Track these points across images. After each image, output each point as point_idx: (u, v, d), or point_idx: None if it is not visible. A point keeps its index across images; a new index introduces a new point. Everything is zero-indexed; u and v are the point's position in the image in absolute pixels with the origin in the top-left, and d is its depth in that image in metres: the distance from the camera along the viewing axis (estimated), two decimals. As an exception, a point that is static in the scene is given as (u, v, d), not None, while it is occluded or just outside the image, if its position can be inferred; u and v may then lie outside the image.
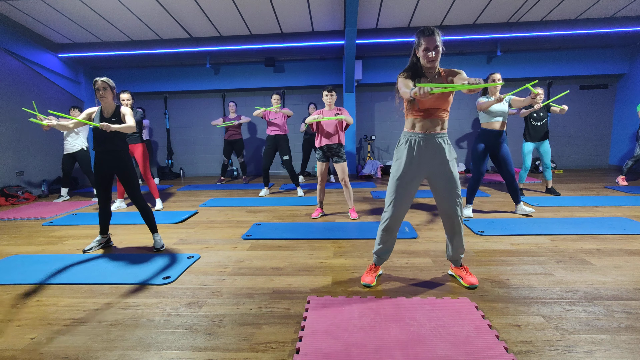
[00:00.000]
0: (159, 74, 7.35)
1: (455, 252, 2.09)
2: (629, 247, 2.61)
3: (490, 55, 6.77)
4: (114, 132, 2.70)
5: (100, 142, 2.71)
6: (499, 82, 3.22)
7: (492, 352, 1.42)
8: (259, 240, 3.04)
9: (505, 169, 3.50)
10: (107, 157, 2.73)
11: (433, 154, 1.94)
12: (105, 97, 2.68)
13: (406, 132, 2.00)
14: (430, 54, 1.85)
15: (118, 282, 2.22)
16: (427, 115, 1.92)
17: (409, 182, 1.98)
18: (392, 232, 2.06)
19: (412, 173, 1.97)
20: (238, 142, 6.36)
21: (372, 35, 6.21)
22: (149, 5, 5.19)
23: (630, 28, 5.87)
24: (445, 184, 1.97)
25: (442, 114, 1.93)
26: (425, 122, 1.93)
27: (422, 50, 1.88)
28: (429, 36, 1.84)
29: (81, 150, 5.10)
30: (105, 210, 2.87)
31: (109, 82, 2.70)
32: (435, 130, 1.93)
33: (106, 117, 2.71)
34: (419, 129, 1.94)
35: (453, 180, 1.96)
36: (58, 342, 1.61)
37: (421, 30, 1.87)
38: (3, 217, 4.10)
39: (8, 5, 5.15)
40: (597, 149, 7.34)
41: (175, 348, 1.54)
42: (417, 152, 1.95)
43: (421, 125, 1.94)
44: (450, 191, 1.97)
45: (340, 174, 3.61)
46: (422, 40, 1.86)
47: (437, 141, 1.94)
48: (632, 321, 1.65)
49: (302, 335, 1.57)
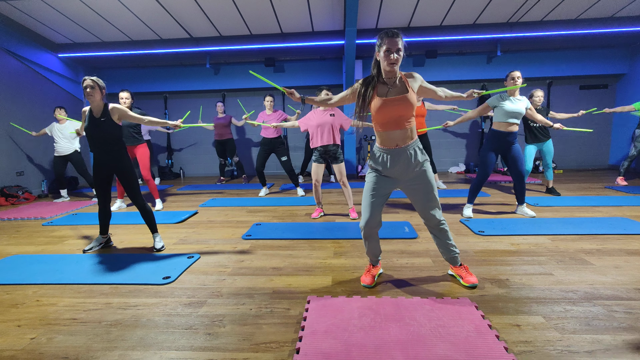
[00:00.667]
0: (159, 74, 7.36)
1: (448, 252, 2.08)
2: (629, 247, 2.61)
3: (490, 55, 6.77)
4: (107, 132, 2.67)
5: (94, 143, 2.68)
6: (519, 79, 3.23)
7: (492, 352, 1.42)
8: (259, 240, 3.04)
9: (516, 168, 3.41)
10: (106, 158, 2.72)
11: (406, 165, 1.90)
12: (92, 96, 2.63)
13: (377, 147, 1.97)
14: (392, 56, 1.77)
15: (118, 282, 2.22)
16: (392, 127, 1.86)
17: (382, 193, 1.98)
18: (373, 237, 2.06)
19: (385, 186, 1.97)
20: (229, 142, 6.31)
21: (372, 35, 6.19)
22: (149, 5, 5.20)
23: (630, 28, 5.87)
24: (421, 188, 1.94)
25: (407, 123, 1.87)
26: (393, 136, 1.88)
27: (383, 52, 1.79)
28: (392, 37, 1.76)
29: (75, 152, 5.11)
30: (105, 210, 2.86)
31: (98, 81, 2.65)
32: (405, 142, 1.88)
33: (96, 116, 2.66)
34: (389, 144, 1.90)
35: (429, 183, 1.93)
36: (58, 342, 1.61)
37: (384, 32, 1.80)
38: (3, 217, 4.10)
39: (8, 5, 5.15)
40: (597, 149, 7.34)
41: (175, 348, 1.54)
42: (391, 166, 1.91)
43: (389, 140, 1.89)
44: (427, 194, 1.95)
45: (338, 175, 3.61)
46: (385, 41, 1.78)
47: (408, 152, 1.89)
48: (632, 321, 1.65)
49: (302, 335, 1.57)
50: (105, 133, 2.67)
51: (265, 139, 5.04)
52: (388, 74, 1.85)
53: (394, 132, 1.87)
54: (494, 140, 3.42)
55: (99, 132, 2.66)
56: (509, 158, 3.43)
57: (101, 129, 2.66)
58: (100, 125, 2.66)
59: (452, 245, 2.07)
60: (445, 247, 2.07)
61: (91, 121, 2.67)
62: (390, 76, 1.86)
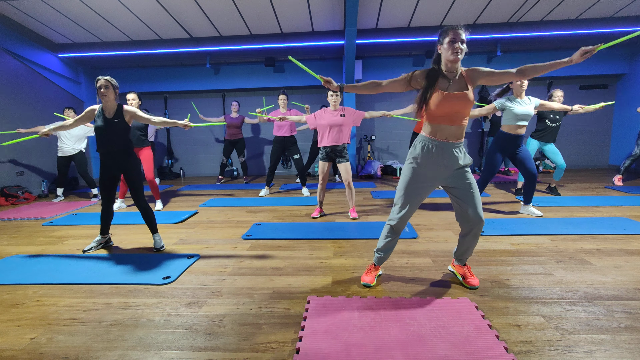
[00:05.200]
0: (159, 74, 7.35)
1: (465, 252, 2.05)
2: (629, 247, 2.61)
3: (490, 55, 6.77)
4: (118, 133, 2.67)
5: (103, 143, 2.68)
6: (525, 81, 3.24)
7: (492, 352, 1.42)
8: (259, 240, 3.04)
9: (527, 169, 3.38)
10: (113, 158, 2.71)
11: (451, 162, 1.87)
12: (106, 96, 2.64)
13: (424, 137, 1.91)
14: (457, 45, 1.74)
15: (118, 282, 2.22)
16: (448, 122, 1.83)
17: (422, 188, 1.93)
18: (398, 232, 2.04)
19: (427, 179, 1.92)
20: (240, 141, 6.35)
21: (372, 35, 6.20)
22: (149, 5, 5.19)
23: (630, 28, 5.86)
24: (465, 190, 1.90)
25: (463, 120, 1.85)
26: (446, 130, 1.84)
27: (447, 43, 1.77)
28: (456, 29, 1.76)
29: (79, 153, 5.11)
30: (109, 211, 2.86)
31: (111, 81, 2.67)
32: (454, 139, 1.85)
33: (108, 117, 2.66)
34: (440, 137, 1.85)
35: (472, 186, 1.90)
36: (58, 342, 1.61)
37: (447, 26, 1.80)
38: (3, 217, 4.10)
39: (8, 5, 5.15)
40: (597, 149, 7.34)
41: (175, 348, 1.54)
42: (436, 159, 1.87)
43: (441, 133, 1.85)
44: (474, 197, 1.90)
45: (344, 175, 3.61)
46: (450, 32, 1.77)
47: (455, 150, 1.86)
48: (632, 321, 1.65)
49: (302, 335, 1.57)
50: (117, 134, 2.67)
51: (278, 137, 5.05)
52: (450, 66, 1.82)
53: (447, 127, 1.85)
54: (503, 142, 3.39)
55: (110, 132, 2.65)
56: (518, 160, 3.40)
57: (113, 129, 2.66)
58: (112, 126, 2.65)
59: (474, 247, 2.05)
60: (467, 246, 2.03)
61: (104, 121, 2.65)
62: (452, 69, 1.84)
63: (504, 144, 3.39)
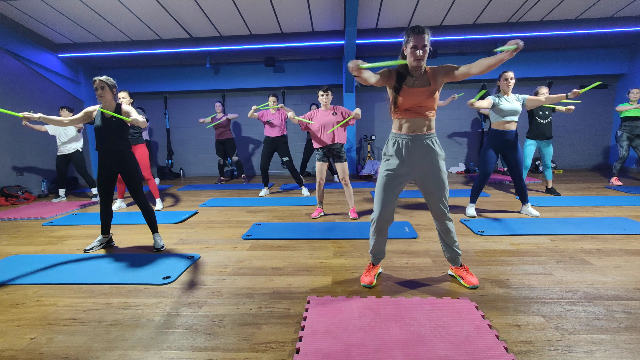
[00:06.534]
0: (159, 74, 7.35)
1: (451, 252, 2.09)
2: (629, 247, 2.61)
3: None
4: (117, 132, 2.68)
5: (102, 142, 2.68)
6: (512, 80, 3.32)
7: (492, 352, 1.42)
8: (259, 240, 3.04)
9: (515, 171, 3.46)
10: (111, 158, 2.71)
11: (422, 155, 1.94)
12: (104, 97, 2.64)
13: (394, 133, 2.00)
14: (418, 52, 1.83)
15: (118, 282, 2.22)
16: (413, 115, 1.92)
17: (396, 184, 1.99)
18: (383, 232, 2.08)
19: (401, 174, 1.98)
20: (229, 141, 6.34)
21: (372, 35, 6.21)
22: (149, 5, 5.19)
23: (630, 28, 5.87)
24: (434, 184, 1.97)
25: (427, 112, 1.92)
26: (412, 122, 1.93)
27: (409, 48, 1.85)
28: (419, 34, 1.81)
29: (76, 152, 5.11)
30: (107, 211, 2.86)
31: (107, 80, 2.66)
32: (422, 130, 1.93)
33: (107, 116, 2.68)
34: (406, 130, 1.94)
35: (442, 180, 1.97)
36: (58, 342, 1.61)
37: (411, 28, 1.84)
38: (3, 217, 4.10)
39: (8, 5, 5.15)
40: (597, 149, 7.34)
41: (175, 348, 1.54)
42: (406, 154, 1.94)
43: (408, 126, 1.94)
44: (439, 191, 1.97)
45: (340, 174, 3.61)
46: (411, 38, 1.83)
47: (425, 142, 1.93)
48: (632, 321, 1.65)
49: (302, 335, 1.57)
50: (115, 133, 2.68)
51: (269, 137, 5.04)
52: (414, 68, 1.91)
53: (413, 119, 1.92)
54: (493, 139, 3.46)
55: (109, 132, 2.66)
56: (508, 157, 3.46)
57: (112, 129, 2.66)
58: (111, 125, 2.66)
59: (456, 245, 2.08)
60: (449, 246, 2.08)
61: (103, 121, 2.66)
62: (416, 68, 1.92)
63: (495, 141, 3.46)
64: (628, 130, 5.01)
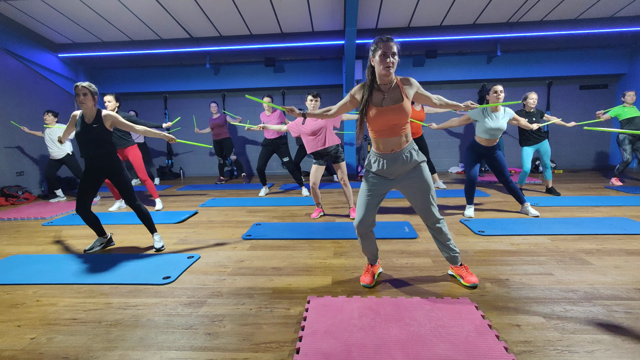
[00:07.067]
0: (159, 74, 7.36)
1: (448, 250, 2.08)
2: (629, 247, 2.61)
3: (490, 55, 6.77)
4: (98, 137, 2.64)
5: (86, 147, 2.65)
6: (501, 93, 3.24)
7: (492, 352, 1.42)
8: (259, 240, 3.04)
9: (500, 175, 3.50)
10: (97, 162, 2.69)
11: (402, 165, 1.91)
12: (85, 103, 2.60)
13: (374, 152, 1.98)
14: (388, 60, 1.76)
15: (118, 282, 2.22)
16: (388, 135, 1.87)
17: (378, 194, 1.99)
18: (367, 235, 2.07)
19: (381, 186, 1.98)
20: (226, 141, 6.34)
21: (372, 35, 6.20)
22: (149, 5, 5.20)
23: (630, 28, 5.87)
24: (418, 188, 1.95)
25: (401, 130, 1.88)
26: (388, 142, 1.89)
27: (378, 56, 1.77)
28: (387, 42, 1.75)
29: (67, 156, 5.11)
30: (88, 217, 2.79)
31: (90, 87, 2.62)
32: (400, 147, 1.90)
33: (87, 122, 2.63)
34: (384, 150, 1.91)
35: (425, 181, 1.94)
36: (58, 342, 1.61)
37: (379, 37, 1.79)
38: (3, 217, 4.10)
39: (8, 5, 5.15)
40: (597, 149, 7.34)
41: (175, 348, 1.54)
42: (387, 169, 1.93)
43: (384, 147, 1.91)
44: (424, 193, 1.96)
45: (339, 174, 3.60)
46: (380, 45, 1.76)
47: (404, 156, 1.90)
48: (632, 321, 1.65)
49: (302, 335, 1.57)
50: (96, 139, 2.64)
51: (267, 139, 5.05)
52: (384, 79, 1.83)
53: (389, 139, 1.89)
54: (474, 149, 3.51)
55: (90, 138, 2.63)
56: (492, 165, 3.51)
57: (92, 135, 2.63)
58: (91, 132, 2.63)
59: (452, 244, 2.08)
60: (445, 246, 2.08)
61: (83, 127, 2.63)
62: (385, 82, 1.84)
63: (476, 151, 3.51)
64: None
